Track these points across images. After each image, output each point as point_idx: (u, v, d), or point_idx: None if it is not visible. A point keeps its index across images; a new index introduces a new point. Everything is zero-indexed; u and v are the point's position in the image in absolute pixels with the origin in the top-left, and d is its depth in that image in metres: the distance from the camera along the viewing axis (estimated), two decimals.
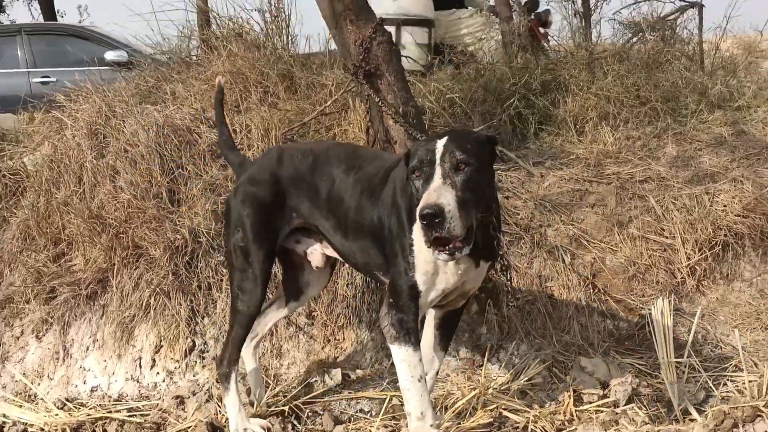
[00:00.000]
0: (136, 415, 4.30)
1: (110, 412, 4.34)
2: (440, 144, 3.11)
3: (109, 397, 4.59)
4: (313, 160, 3.89)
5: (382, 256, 3.59)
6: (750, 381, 3.96)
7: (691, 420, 3.78)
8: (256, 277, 3.86)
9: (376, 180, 3.63)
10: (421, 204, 2.96)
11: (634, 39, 7.84)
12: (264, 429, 3.92)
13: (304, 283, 4.28)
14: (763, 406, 3.72)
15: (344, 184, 3.73)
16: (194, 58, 7.13)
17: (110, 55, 9.70)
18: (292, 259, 4.20)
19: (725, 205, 5.19)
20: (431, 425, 3.52)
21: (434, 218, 2.91)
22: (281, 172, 3.93)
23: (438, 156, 3.08)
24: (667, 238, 5.09)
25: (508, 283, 4.09)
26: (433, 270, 3.39)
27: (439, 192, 2.98)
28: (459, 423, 3.82)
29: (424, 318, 3.73)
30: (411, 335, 3.46)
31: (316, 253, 4.08)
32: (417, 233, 3.34)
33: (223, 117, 4.40)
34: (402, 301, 3.46)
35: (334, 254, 4.02)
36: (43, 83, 9.92)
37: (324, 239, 3.97)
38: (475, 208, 3.11)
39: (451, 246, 3.04)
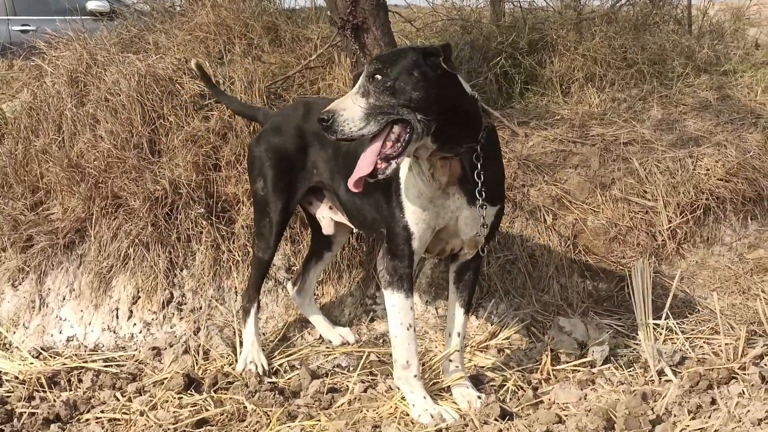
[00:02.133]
0: (111, 366, 4.26)
1: (86, 361, 4.31)
2: (374, 59, 3.23)
3: (85, 347, 4.56)
4: None
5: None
6: (726, 343, 3.98)
7: (667, 381, 3.79)
8: (272, 226, 4.09)
9: None
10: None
11: (623, 0, 7.79)
12: (264, 367, 4.10)
13: (332, 234, 4.41)
14: (738, 369, 3.74)
15: (361, 142, 3.73)
16: (178, 8, 7.04)
17: (92, 5, 9.57)
18: (313, 216, 4.36)
19: (708, 169, 5.19)
20: (415, 375, 3.54)
21: (322, 122, 3.05)
22: (308, 125, 4.02)
23: (365, 70, 3.16)
24: (649, 200, 5.09)
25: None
26: (420, 206, 3.41)
27: (343, 100, 3.10)
28: (437, 380, 3.81)
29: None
30: (404, 281, 3.50)
31: (326, 219, 4.24)
32: (402, 173, 3.44)
33: (221, 91, 4.79)
34: (396, 245, 3.49)
35: (342, 219, 4.13)
36: (22, 32, 9.76)
37: (334, 201, 4.07)
38: (405, 113, 3.10)
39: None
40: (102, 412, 3.76)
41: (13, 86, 6.02)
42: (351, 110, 3.05)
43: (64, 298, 4.77)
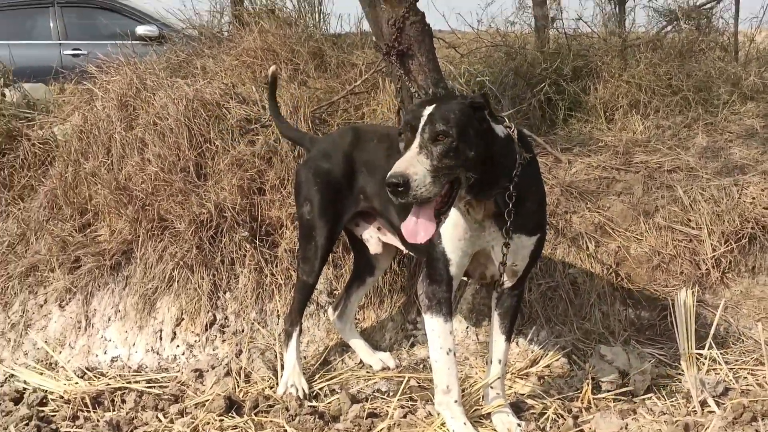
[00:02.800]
0: (154, 387, 4.32)
1: (129, 382, 4.37)
2: (425, 113, 3.15)
3: (129, 367, 4.63)
4: (388, 146, 3.94)
5: None
6: None
7: (710, 412, 3.75)
8: (317, 250, 4.09)
9: None
10: (392, 171, 3.04)
11: (669, 27, 7.76)
12: (305, 390, 4.11)
13: (374, 259, 4.46)
14: None
15: None
16: (225, 33, 7.14)
17: (141, 29, 9.72)
18: (358, 239, 4.37)
19: (754, 198, 5.14)
20: (455, 401, 3.55)
21: (397, 187, 3.00)
22: (355, 153, 4.07)
23: (420, 125, 3.12)
24: (693, 228, 5.04)
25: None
26: (457, 235, 3.44)
27: (410, 162, 3.05)
28: (477, 407, 3.81)
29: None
30: (443, 306, 3.52)
31: (373, 239, 4.26)
32: None
33: (277, 109, 4.74)
34: (435, 271, 3.52)
35: (391, 240, 4.16)
36: (74, 56, 9.94)
37: (383, 224, 4.11)
38: (460, 172, 3.14)
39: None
40: None
41: (65, 110, 6.14)
42: (421, 174, 3.03)
43: (109, 319, 4.85)
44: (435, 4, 9.55)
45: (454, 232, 3.45)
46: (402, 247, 4.13)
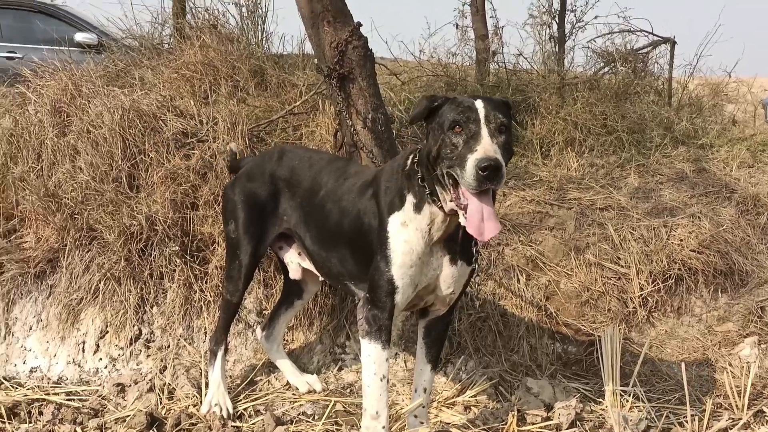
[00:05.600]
0: (74, 400, 4.21)
1: (48, 394, 4.26)
2: (480, 105, 3.12)
3: (49, 379, 4.50)
4: (310, 167, 3.97)
5: (358, 266, 3.60)
6: (692, 415, 3.99)
7: None
8: (241, 269, 4.07)
9: (360, 188, 3.65)
10: (482, 155, 2.97)
11: (606, 69, 7.91)
12: (228, 410, 4.07)
13: (302, 282, 4.42)
14: None
15: (331, 194, 3.78)
16: (166, 45, 7.07)
17: (80, 36, 9.56)
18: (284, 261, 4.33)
19: (681, 240, 5.24)
20: (383, 427, 3.51)
21: (497, 171, 2.95)
22: (280, 173, 4.05)
23: (482, 116, 3.09)
24: (622, 267, 5.12)
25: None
26: (409, 262, 3.38)
27: (493, 148, 3.01)
28: None
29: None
30: (382, 332, 3.47)
31: (294, 264, 4.22)
32: (393, 227, 3.40)
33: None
34: (378, 297, 3.46)
35: (310, 266, 4.10)
36: (8, 58, 9.73)
37: (302, 249, 4.05)
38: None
39: None
40: None
41: None
42: (503, 161, 3.02)
43: (30, 328, 4.72)
44: (378, 31, 9.61)
45: (406, 258, 3.38)
46: (318, 273, 4.09)
